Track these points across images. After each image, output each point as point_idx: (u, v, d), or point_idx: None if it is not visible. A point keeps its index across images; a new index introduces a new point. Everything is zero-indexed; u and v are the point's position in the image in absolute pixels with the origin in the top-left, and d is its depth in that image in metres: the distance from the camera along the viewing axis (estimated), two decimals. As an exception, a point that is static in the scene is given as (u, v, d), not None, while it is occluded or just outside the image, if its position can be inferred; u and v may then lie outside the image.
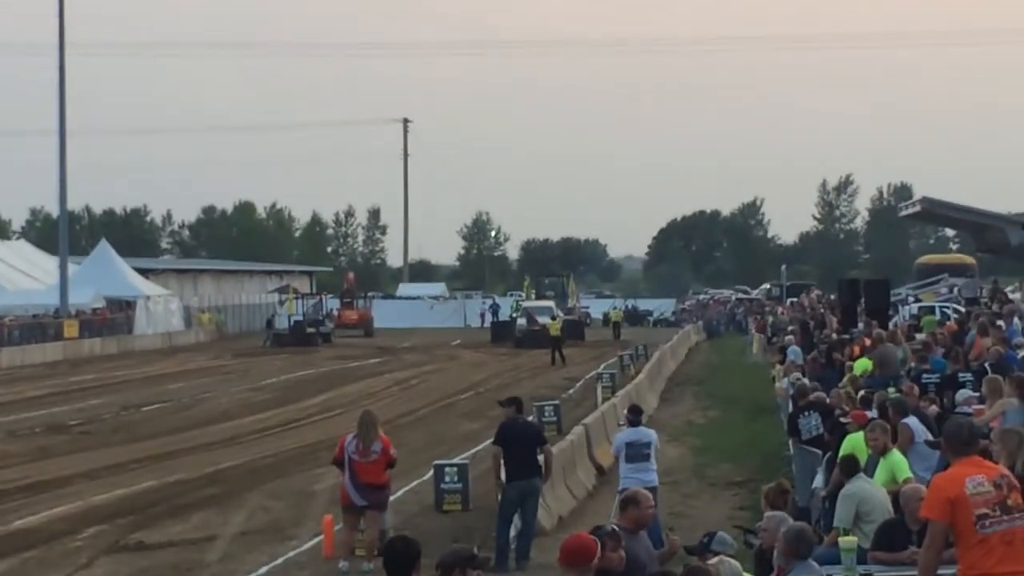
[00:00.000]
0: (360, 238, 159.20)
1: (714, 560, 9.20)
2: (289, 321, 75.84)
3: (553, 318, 63.24)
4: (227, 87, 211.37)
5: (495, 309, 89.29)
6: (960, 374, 21.78)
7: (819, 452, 18.41)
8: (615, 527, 9.88)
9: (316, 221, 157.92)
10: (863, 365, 25.96)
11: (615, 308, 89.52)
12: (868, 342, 28.47)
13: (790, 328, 44.35)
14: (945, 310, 44.22)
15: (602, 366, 47.75)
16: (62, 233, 72.74)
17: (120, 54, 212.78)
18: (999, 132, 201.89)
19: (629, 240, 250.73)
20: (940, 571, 9.05)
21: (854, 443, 14.99)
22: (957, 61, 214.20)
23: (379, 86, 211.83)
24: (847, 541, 10.97)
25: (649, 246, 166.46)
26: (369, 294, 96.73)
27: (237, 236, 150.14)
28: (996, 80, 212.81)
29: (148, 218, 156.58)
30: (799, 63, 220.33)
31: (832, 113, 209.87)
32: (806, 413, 20.00)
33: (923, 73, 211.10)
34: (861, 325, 33.74)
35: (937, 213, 54.71)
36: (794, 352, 34.08)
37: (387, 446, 17.29)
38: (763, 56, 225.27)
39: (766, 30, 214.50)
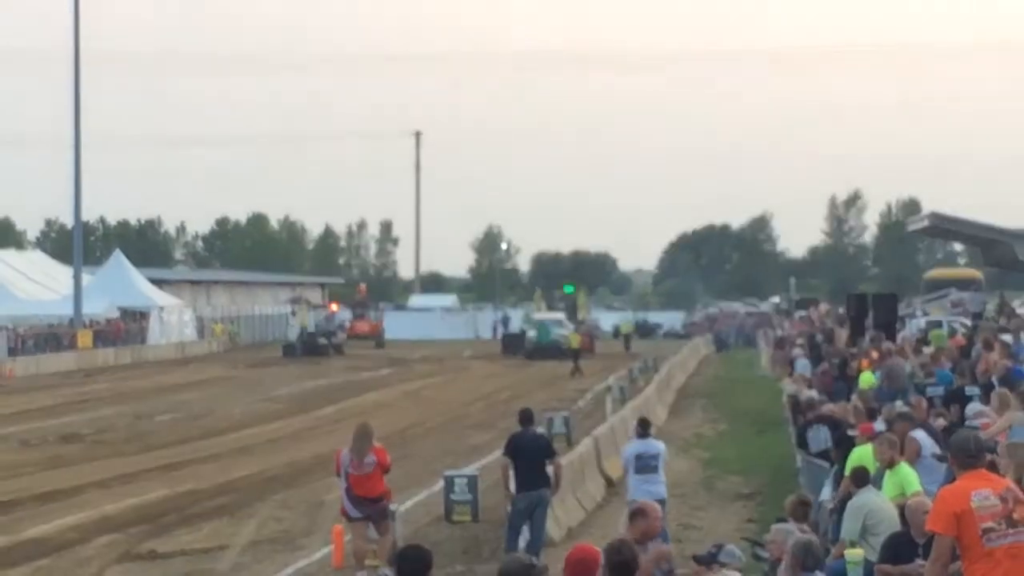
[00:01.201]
0: (372, 250, 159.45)
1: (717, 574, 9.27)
2: (301, 332, 76.13)
3: (577, 329, 63.58)
4: (241, 99, 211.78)
5: (506, 321, 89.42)
6: (967, 388, 21.80)
7: (827, 465, 18.47)
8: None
9: (329, 233, 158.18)
10: (868, 380, 26.04)
11: (625, 321, 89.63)
12: (875, 356, 28.53)
13: (798, 341, 44.37)
14: (953, 324, 44.25)
15: (612, 378, 47.80)
16: (76, 243, 73.02)
17: (135, 65, 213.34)
18: (1008, 146, 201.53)
19: (639, 253, 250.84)
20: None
21: (862, 456, 15.05)
22: (966, 75, 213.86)
23: (392, 99, 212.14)
24: (853, 554, 11.03)
25: (659, 259, 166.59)
26: (381, 306, 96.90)
27: (250, 248, 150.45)
28: (1008, 94, 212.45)
29: (162, 229, 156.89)
30: (809, 77, 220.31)
31: (841, 128, 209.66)
32: (815, 426, 20.07)
33: (932, 88, 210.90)
34: (868, 339, 33.77)
35: (945, 228, 54.64)
36: (802, 365, 33.86)
37: (381, 457, 17.21)
38: (773, 70, 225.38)
39: (777, 44, 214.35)
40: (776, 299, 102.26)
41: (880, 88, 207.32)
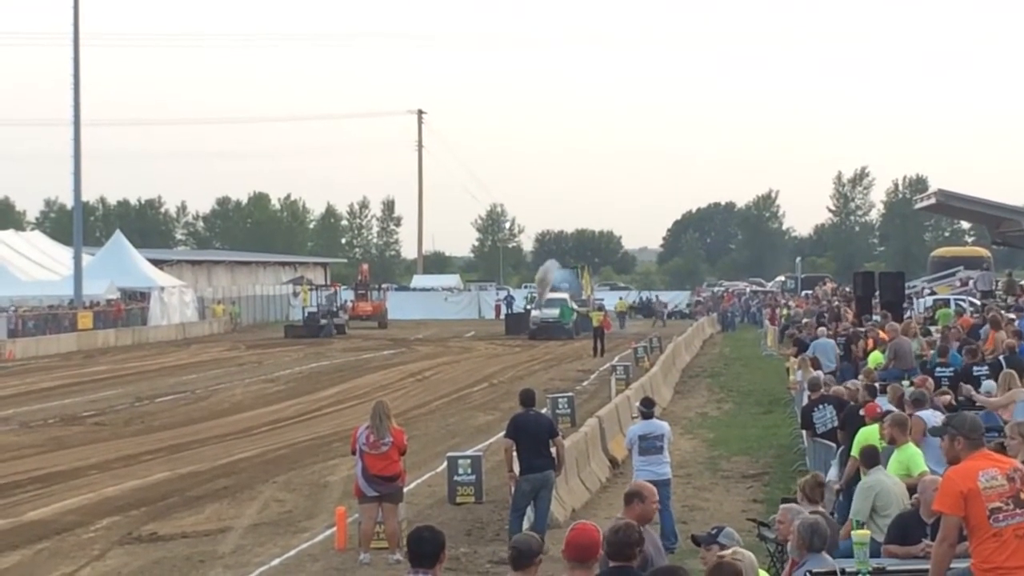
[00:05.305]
0: (374, 230, 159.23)
1: (728, 551, 9.11)
2: (308, 313, 76.10)
3: (600, 308, 63.56)
4: (242, 78, 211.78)
5: (509, 301, 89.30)
6: (975, 368, 21.68)
7: (833, 445, 18.34)
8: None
9: (330, 213, 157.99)
10: (876, 359, 25.89)
11: (620, 299, 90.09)
12: (882, 335, 28.37)
13: (804, 321, 44.01)
14: (960, 303, 44.13)
15: (616, 358, 47.67)
16: (76, 224, 72.91)
17: (134, 44, 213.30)
18: (1015, 124, 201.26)
19: (644, 232, 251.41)
20: (953, 564, 9.02)
21: (869, 436, 14.91)
22: (973, 54, 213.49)
23: (394, 78, 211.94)
24: (860, 535, 10.89)
25: (664, 238, 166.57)
26: (383, 285, 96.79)
27: (251, 227, 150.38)
28: (1014, 72, 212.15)
29: (163, 209, 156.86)
30: (815, 55, 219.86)
31: (848, 105, 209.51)
32: (821, 406, 19.94)
33: (938, 65, 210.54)
34: (876, 318, 33.53)
35: (952, 206, 54.65)
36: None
37: (398, 438, 17.14)
38: (778, 48, 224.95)
39: (781, 22, 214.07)
40: (782, 278, 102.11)
41: (887, 64, 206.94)
